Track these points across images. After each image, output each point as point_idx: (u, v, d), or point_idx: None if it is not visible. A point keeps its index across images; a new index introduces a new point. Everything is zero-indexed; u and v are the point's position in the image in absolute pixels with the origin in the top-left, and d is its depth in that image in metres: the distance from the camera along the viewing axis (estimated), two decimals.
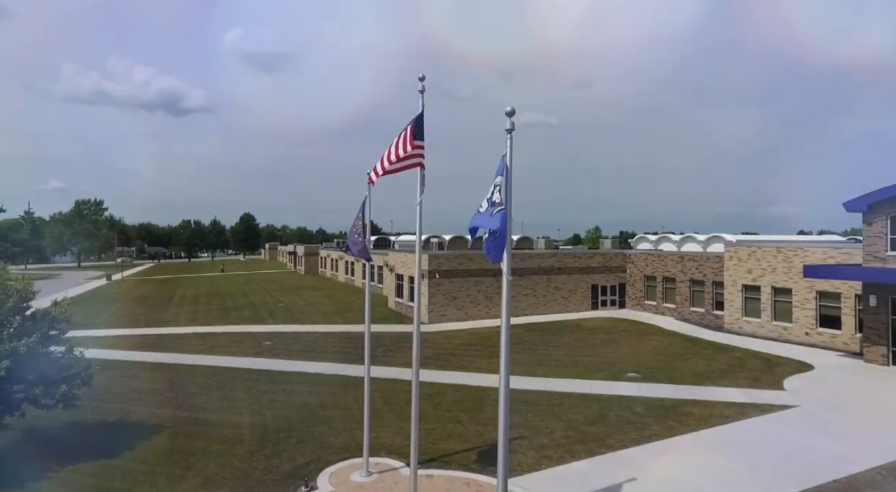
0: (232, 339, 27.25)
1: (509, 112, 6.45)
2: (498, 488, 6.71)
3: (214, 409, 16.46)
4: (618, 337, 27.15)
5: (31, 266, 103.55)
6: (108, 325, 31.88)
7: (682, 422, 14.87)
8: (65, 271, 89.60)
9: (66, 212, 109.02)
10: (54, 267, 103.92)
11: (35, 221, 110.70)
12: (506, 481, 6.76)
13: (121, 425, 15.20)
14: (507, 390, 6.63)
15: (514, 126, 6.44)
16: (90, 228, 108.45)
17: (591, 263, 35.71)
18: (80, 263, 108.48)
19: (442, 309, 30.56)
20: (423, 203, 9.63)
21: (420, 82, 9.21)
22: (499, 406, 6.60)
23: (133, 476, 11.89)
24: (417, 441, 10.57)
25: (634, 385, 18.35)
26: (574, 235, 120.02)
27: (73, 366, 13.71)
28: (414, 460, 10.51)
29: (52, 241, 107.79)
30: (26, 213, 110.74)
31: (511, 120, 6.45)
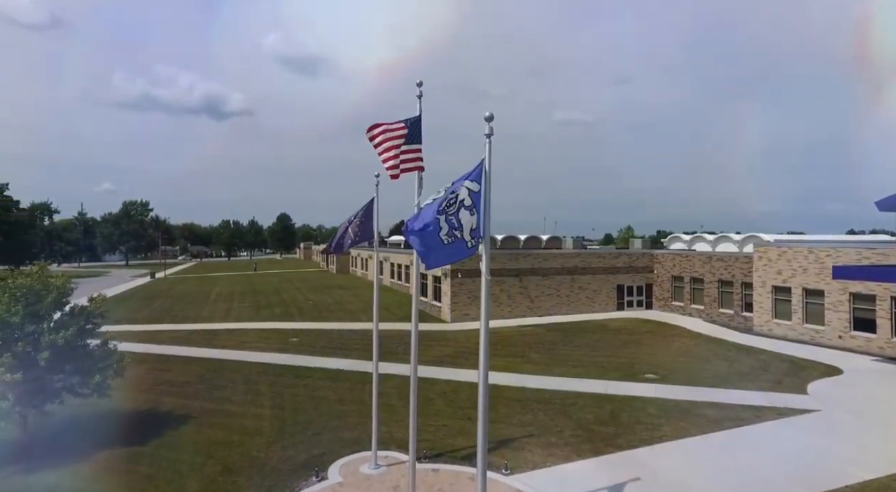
0: (261, 335, 28.27)
1: (488, 117, 6.70)
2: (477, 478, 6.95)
3: (239, 401, 17.25)
4: (640, 338, 26.84)
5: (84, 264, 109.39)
6: (147, 320, 33.56)
7: (695, 424, 14.74)
8: (113, 269, 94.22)
9: (115, 213, 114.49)
10: (104, 265, 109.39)
11: (87, 222, 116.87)
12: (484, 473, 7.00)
13: (151, 415, 16.13)
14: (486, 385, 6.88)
15: (493, 131, 6.69)
16: (137, 228, 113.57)
17: (617, 263, 35.31)
18: (128, 262, 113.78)
19: (464, 308, 30.85)
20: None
21: (418, 88, 9.56)
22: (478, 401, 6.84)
23: (159, 462, 12.69)
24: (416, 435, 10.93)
25: (651, 386, 18.21)
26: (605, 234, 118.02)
27: (107, 358, 14.64)
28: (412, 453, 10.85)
29: (103, 240, 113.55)
30: (80, 214, 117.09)
31: (490, 125, 6.70)
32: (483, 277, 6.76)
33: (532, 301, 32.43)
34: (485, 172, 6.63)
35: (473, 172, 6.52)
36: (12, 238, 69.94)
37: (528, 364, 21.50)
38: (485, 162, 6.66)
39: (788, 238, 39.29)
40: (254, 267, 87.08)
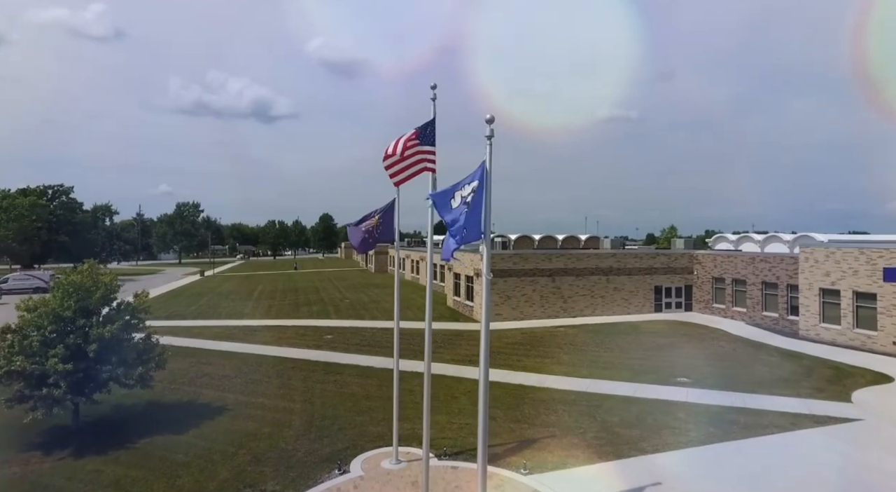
0: (298, 332, 29.19)
1: (489, 119, 6.82)
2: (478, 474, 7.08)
3: (272, 395, 17.94)
4: (676, 341, 26.14)
5: (141, 263, 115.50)
6: (194, 316, 35.20)
7: (724, 430, 14.32)
8: (167, 267, 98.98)
9: (169, 214, 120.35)
10: (159, 263, 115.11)
11: (145, 222, 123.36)
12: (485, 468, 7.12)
13: (191, 406, 16.99)
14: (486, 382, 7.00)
15: (494, 133, 6.80)
16: (189, 228, 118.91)
17: (654, 264, 34.43)
18: (181, 260, 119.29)
19: (496, 308, 30.83)
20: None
21: (432, 91, 9.75)
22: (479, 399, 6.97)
23: (194, 451, 13.39)
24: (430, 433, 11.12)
25: (682, 390, 17.77)
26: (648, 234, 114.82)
27: (150, 351, 15.59)
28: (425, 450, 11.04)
29: (158, 239, 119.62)
30: (137, 215, 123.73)
31: (491, 127, 6.82)
32: (483, 276, 6.89)
33: (565, 301, 32.09)
34: (486, 173, 6.75)
35: (475, 173, 6.66)
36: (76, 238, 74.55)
37: (557, 365, 21.35)
38: (486, 163, 6.78)
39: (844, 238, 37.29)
40: (294, 266, 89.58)
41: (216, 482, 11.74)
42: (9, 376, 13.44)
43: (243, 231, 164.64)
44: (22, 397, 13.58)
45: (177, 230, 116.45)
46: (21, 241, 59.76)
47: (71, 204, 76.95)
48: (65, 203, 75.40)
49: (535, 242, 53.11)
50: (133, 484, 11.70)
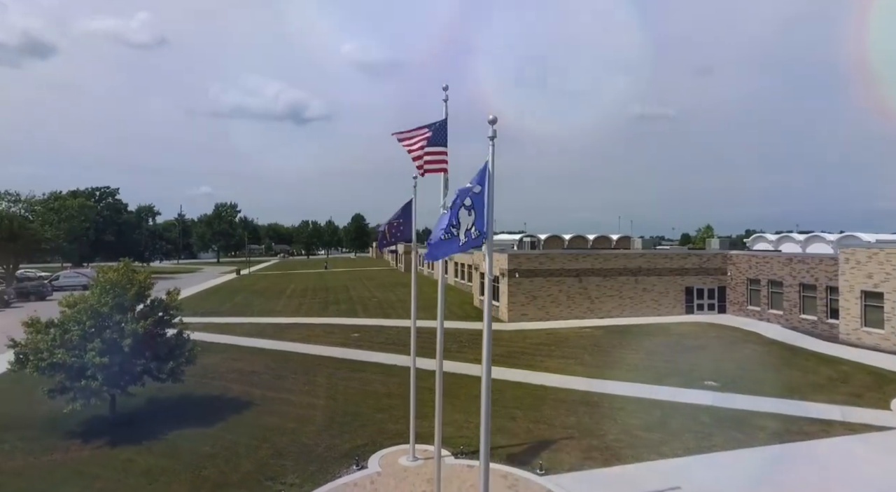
0: (326, 330, 29.78)
1: (491, 120, 6.87)
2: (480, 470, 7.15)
3: (297, 391, 18.40)
4: (707, 343, 25.47)
5: (182, 261, 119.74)
6: (228, 313, 36.34)
7: (750, 435, 13.93)
8: (206, 266, 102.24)
9: (208, 214, 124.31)
10: (199, 262, 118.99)
11: (186, 223, 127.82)
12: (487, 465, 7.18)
13: (220, 400, 17.59)
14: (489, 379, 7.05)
15: (496, 134, 6.85)
16: (226, 228, 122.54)
17: (686, 265, 33.59)
18: (219, 259, 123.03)
19: (522, 308, 30.71)
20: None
21: (444, 92, 9.85)
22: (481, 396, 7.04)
23: (220, 443, 13.89)
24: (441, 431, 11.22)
25: (708, 394, 17.34)
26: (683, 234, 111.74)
27: (181, 347, 16.24)
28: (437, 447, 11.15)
29: (198, 239, 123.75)
30: (179, 215, 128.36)
31: (493, 128, 6.87)
32: (486, 277, 6.95)
33: (592, 302, 31.67)
34: (488, 174, 6.81)
35: (477, 173, 6.72)
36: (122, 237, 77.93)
37: (581, 366, 21.15)
38: (488, 164, 6.85)
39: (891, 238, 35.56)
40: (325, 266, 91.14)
41: (239, 474, 12.16)
42: (51, 368, 14.21)
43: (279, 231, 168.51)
44: (63, 389, 14.35)
45: (215, 230, 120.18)
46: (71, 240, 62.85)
47: (116, 205, 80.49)
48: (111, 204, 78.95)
49: (565, 242, 52.60)
50: (162, 473, 12.23)
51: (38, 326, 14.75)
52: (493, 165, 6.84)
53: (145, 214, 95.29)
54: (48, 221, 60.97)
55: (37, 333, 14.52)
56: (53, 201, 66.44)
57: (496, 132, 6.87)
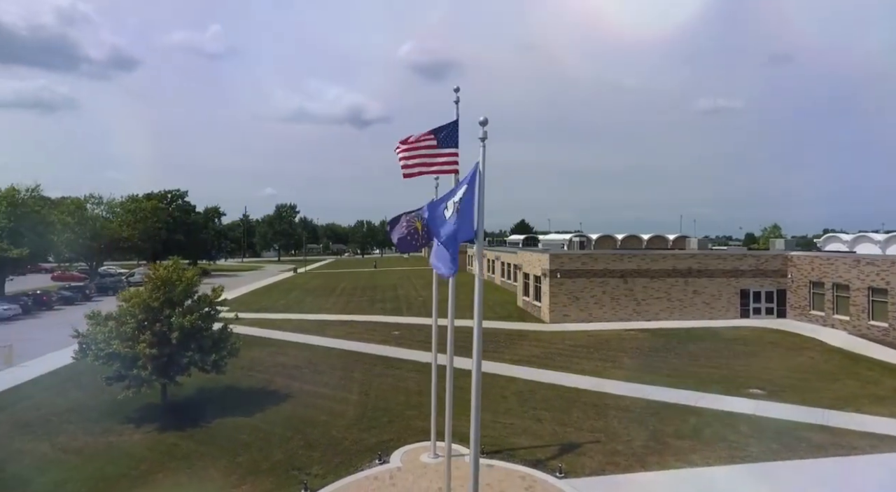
0: (369, 327, 30.54)
1: (482, 122, 6.95)
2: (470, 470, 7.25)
3: (333, 385, 19.07)
4: (759, 349, 24.12)
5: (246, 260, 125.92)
6: (280, 309, 37.98)
7: (790, 447, 13.17)
8: (267, 264, 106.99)
9: (270, 215, 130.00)
10: (261, 260, 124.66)
11: (250, 223, 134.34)
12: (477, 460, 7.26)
13: (261, 392, 18.50)
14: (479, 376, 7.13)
15: (487, 135, 6.93)
16: (286, 228, 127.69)
17: (741, 266, 31.87)
18: (280, 258, 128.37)
19: (564, 309, 30.21)
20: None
21: (455, 93, 9.98)
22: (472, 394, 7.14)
23: (256, 433, 14.66)
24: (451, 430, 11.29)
25: (751, 402, 16.49)
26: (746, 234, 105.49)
27: (224, 340, 17.23)
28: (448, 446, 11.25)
29: (260, 238, 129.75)
30: (244, 216, 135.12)
31: (484, 129, 6.94)
32: (476, 276, 7.05)
33: (638, 304, 30.68)
34: (479, 175, 6.90)
35: (467, 176, 6.83)
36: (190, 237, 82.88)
37: (618, 369, 20.63)
38: (479, 165, 6.93)
39: None
40: (374, 265, 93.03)
41: (270, 463, 12.81)
42: (108, 358, 15.50)
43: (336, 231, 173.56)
44: (119, 377, 15.61)
45: (276, 230, 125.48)
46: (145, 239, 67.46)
47: (185, 206, 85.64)
48: (180, 206, 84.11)
49: (617, 242, 51.20)
50: (200, 459, 13.08)
51: (98, 319, 16.10)
52: (483, 165, 6.92)
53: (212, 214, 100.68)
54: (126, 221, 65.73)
55: (97, 325, 15.86)
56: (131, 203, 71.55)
57: (487, 133, 6.94)
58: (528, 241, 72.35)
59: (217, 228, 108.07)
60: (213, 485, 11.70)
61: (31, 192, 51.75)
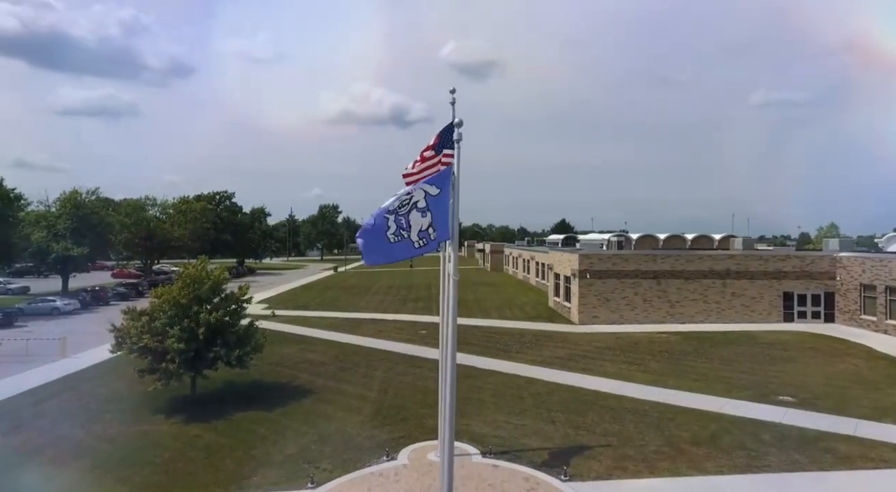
0: (397, 326, 30.95)
1: (457, 123, 7.01)
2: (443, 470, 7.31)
3: (354, 382, 19.49)
4: (797, 355, 22.93)
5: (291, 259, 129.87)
6: (316, 307, 39.02)
7: (814, 458, 12.51)
8: (310, 263, 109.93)
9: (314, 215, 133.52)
10: (305, 259, 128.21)
11: (295, 222, 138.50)
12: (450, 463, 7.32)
13: (285, 387, 19.13)
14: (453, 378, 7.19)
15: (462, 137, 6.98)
16: (329, 228, 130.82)
17: (784, 267, 30.32)
18: (323, 257, 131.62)
19: (593, 310, 29.61)
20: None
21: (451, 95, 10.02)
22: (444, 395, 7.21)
23: (274, 427, 15.20)
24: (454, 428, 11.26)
25: (779, 410, 15.74)
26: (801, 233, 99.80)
27: (249, 337, 17.92)
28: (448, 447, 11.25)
29: (304, 238, 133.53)
30: (290, 216, 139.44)
31: (458, 131, 7.00)
32: (451, 277, 7.11)
33: (672, 306, 29.72)
34: (453, 176, 6.96)
35: (436, 176, 6.89)
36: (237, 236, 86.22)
37: (643, 373, 20.10)
38: (453, 166, 6.99)
39: None
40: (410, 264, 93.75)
41: (283, 456, 13.27)
42: (141, 351, 16.43)
43: None
44: (150, 370, 16.52)
45: (319, 230, 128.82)
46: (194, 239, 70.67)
47: (233, 207, 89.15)
48: (228, 207, 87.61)
49: (659, 242, 49.70)
50: (219, 449, 13.70)
51: (133, 314, 17.10)
52: (458, 167, 6.97)
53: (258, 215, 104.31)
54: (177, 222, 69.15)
55: (131, 321, 16.85)
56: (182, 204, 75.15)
57: (461, 135, 6.99)
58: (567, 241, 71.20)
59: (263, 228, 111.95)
60: (226, 475, 12.24)
61: (92, 194, 55.32)
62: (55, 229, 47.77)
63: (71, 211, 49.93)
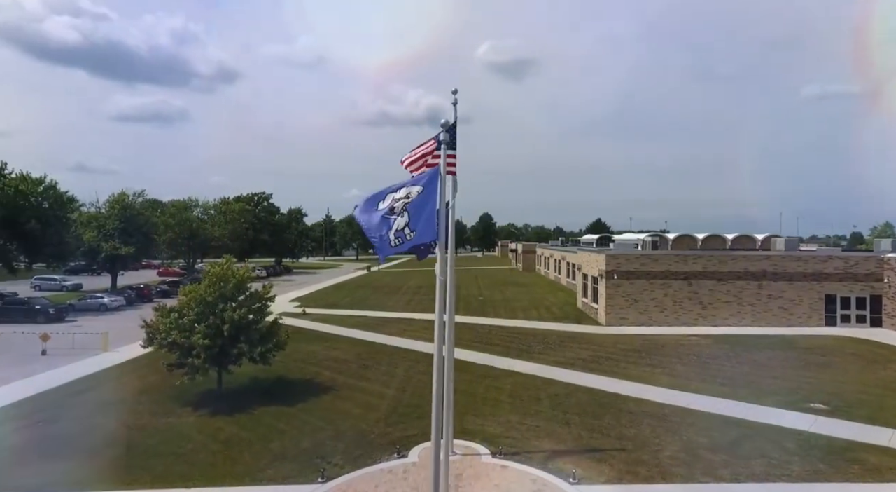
0: (423, 326, 31.13)
1: (444, 123, 7.06)
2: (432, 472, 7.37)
3: (374, 380, 19.78)
4: (836, 360, 21.84)
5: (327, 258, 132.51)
6: (346, 306, 39.71)
7: (839, 469, 11.95)
8: (346, 262, 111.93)
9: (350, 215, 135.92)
10: (341, 259, 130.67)
11: (332, 223, 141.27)
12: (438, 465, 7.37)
13: (308, 384, 19.59)
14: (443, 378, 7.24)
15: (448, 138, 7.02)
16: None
17: (826, 269, 28.89)
18: (358, 256, 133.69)
19: (621, 312, 29.01)
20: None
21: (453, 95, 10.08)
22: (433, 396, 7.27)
23: (292, 422, 15.60)
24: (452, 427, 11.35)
25: (808, 417, 15.07)
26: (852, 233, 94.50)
27: (272, 334, 18.44)
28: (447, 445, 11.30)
29: (340, 238, 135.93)
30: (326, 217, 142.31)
31: (445, 132, 7.05)
32: (437, 277, 7.17)
33: (704, 308, 28.78)
34: (440, 177, 7.02)
35: (421, 177, 6.96)
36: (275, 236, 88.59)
37: (667, 376, 19.59)
38: (439, 167, 7.05)
39: None
40: None
41: (297, 450, 13.62)
42: (170, 347, 17.16)
43: None
44: (178, 364, 17.23)
45: (354, 229, 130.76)
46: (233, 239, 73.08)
47: (270, 208, 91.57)
48: (265, 207, 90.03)
49: (698, 242, 48.20)
50: (238, 443, 14.17)
51: (163, 311, 17.86)
52: (444, 168, 7.02)
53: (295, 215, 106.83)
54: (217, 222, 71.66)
55: (161, 317, 17.61)
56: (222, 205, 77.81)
57: (449, 137, 7.04)
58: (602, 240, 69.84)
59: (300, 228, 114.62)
60: (242, 467, 12.66)
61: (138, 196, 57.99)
62: (105, 229, 50.31)
63: (119, 212, 52.46)
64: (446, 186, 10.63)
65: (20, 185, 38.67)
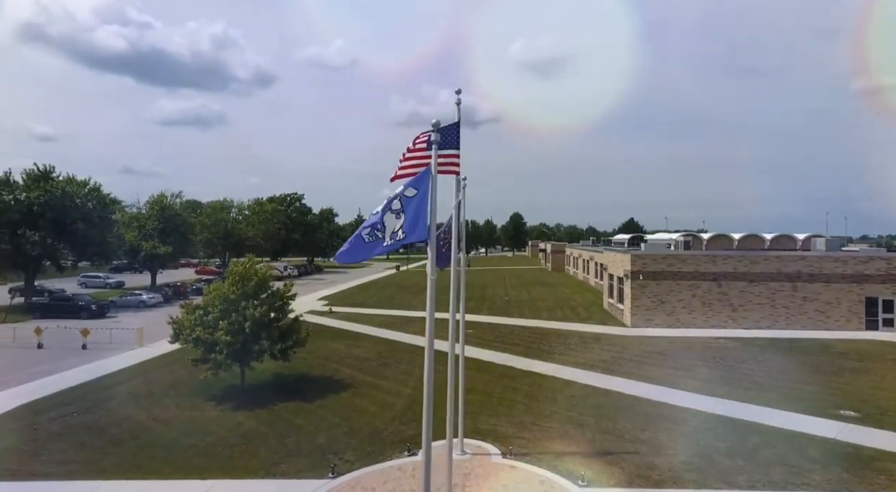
0: (445, 325, 31.15)
1: (434, 124, 7.11)
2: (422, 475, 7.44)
3: (392, 379, 19.98)
4: (873, 366, 20.84)
5: None
6: (372, 305, 40.21)
7: (864, 478, 11.43)
8: (375, 262, 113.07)
9: None
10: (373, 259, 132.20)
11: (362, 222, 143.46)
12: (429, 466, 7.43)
13: (328, 381, 19.95)
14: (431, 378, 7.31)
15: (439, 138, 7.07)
16: None
17: (866, 270, 27.56)
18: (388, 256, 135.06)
19: (647, 313, 28.39)
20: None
21: (457, 95, 10.11)
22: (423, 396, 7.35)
23: (309, 418, 15.93)
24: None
25: (836, 425, 14.46)
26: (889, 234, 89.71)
27: (293, 332, 18.87)
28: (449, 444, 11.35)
29: None
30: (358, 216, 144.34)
31: (436, 133, 7.10)
32: (429, 277, 7.24)
33: (734, 310, 27.88)
34: (431, 177, 7.07)
35: (415, 178, 7.02)
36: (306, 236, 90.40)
37: (690, 380, 19.10)
38: (431, 166, 7.10)
39: None
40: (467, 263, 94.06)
41: (312, 446, 13.91)
42: (195, 343, 17.77)
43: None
44: (203, 360, 17.83)
45: None
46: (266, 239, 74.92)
47: (302, 208, 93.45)
48: (297, 208, 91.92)
49: (734, 242, 46.76)
50: (256, 437, 14.57)
51: (189, 308, 18.51)
52: (435, 169, 7.08)
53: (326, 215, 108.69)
54: (251, 222, 73.59)
55: (187, 314, 18.25)
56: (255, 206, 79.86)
57: (439, 137, 7.09)
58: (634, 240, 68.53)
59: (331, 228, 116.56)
60: (257, 461, 13.01)
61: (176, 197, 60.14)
62: (145, 230, 52.42)
63: (158, 213, 54.55)
64: (452, 187, 10.73)
65: (67, 187, 40.68)
